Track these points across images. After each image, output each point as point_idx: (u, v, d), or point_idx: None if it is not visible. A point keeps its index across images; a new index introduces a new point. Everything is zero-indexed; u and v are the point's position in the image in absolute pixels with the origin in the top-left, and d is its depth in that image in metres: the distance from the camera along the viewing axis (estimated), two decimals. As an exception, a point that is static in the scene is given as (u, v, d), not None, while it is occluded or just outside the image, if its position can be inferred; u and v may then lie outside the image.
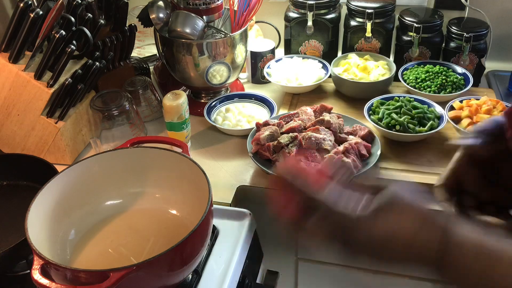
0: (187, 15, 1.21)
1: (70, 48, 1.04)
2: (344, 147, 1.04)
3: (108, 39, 1.22)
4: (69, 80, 1.08)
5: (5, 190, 1.06)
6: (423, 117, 1.16)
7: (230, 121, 1.26)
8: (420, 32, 1.32)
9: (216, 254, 0.93)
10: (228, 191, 1.08)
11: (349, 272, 1.20)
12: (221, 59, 1.25)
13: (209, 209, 0.79)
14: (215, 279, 0.88)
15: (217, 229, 0.98)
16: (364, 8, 1.34)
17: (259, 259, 1.07)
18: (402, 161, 1.10)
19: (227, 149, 1.21)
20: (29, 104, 1.10)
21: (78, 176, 0.90)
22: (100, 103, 1.15)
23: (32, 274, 0.69)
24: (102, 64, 1.14)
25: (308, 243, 0.59)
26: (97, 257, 0.86)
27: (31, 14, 1.02)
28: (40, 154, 1.14)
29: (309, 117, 1.16)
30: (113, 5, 1.24)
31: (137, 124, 1.19)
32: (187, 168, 0.89)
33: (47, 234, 0.82)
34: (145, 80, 1.32)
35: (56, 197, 0.86)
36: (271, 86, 1.44)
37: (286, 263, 1.24)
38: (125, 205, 0.95)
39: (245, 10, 1.28)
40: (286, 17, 1.42)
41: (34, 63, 1.09)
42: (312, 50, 1.44)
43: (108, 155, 0.93)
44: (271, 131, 1.11)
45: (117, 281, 0.67)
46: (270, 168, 1.07)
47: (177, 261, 0.77)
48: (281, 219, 0.56)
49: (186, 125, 1.15)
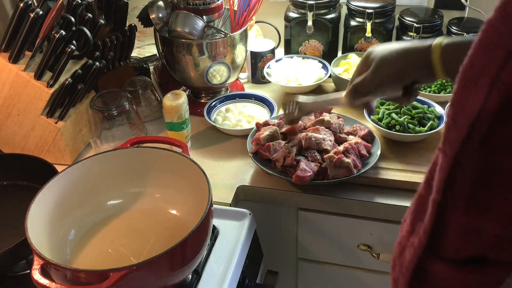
0: (187, 15, 1.21)
1: (70, 48, 1.04)
2: (344, 147, 1.04)
3: (108, 39, 1.22)
4: (69, 80, 1.08)
5: (5, 190, 1.06)
6: (423, 117, 1.16)
7: (230, 121, 1.26)
8: (420, 32, 1.32)
9: (216, 254, 0.93)
10: (228, 191, 1.08)
11: (349, 272, 1.20)
12: (221, 59, 1.25)
13: (209, 209, 0.79)
14: (215, 279, 0.88)
15: (217, 229, 0.98)
16: (364, 8, 1.34)
17: (259, 259, 1.08)
18: (402, 161, 1.10)
19: (227, 149, 1.21)
20: (29, 104, 1.10)
21: (78, 176, 0.90)
22: (100, 103, 1.15)
23: (32, 274, 0.69)
24: (102, 64, 1.14)
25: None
26: (97, 257, 0.86)
27: (31, 14, 1.02)
28: (40, 154, 1.14)
29: (309, 117, 1.16)
30: (113, 5, 1.24)
31: (137, 124, 1.19)
32: (187, 168, 0.89)
33: (47, 234, 0.82)
34: (145, 80, 1.32)
35: (56, 197, 0.86)
36: (271, 86, 1.44)
37: (286, 263, 1.24)
38: (125, 205, 0.95)
39: (245, 10, 1.28)
40: (286, 17, 1.42)
41: (34, 63, 1.09)
42: (312, 50, 1.44)
43: (108, 155, 0.93)
44: (271, 131, 1.11)
45: (117, 281, 0.67)
46: (270, 168, 1.07)
47: (177, 261, 0.77)
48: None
49: (186, 125, 1.15)
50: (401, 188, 1.05)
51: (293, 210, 1.13)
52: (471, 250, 0.40)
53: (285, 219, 1.16)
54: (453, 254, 0.41)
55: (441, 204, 0.39)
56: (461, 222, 0.39)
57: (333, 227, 1.13)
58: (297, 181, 1.01)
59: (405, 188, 1.04)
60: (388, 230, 1.07)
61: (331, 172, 1.02)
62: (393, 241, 0.79)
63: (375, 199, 1.04)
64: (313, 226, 1.14)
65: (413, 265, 0.43)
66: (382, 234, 1.10)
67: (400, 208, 1.02)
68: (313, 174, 1.01)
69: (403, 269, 0.44)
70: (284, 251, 1.22)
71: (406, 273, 0.44)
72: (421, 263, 0.42)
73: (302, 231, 1.16)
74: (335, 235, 1.14)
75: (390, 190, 1.05)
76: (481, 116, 0.35)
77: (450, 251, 0.41)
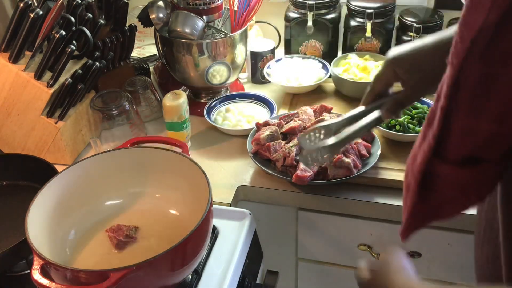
0: (187, 15, 1.21)
1: (70, 48, 1.04)
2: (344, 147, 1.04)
3: (108, 39, 1.22)
4: (69, 80, 1.08)
5: (5, 190, 1.06)
6: (423, 117, 1.16)
7: (230, 121, 1.26)
8: (420, 32, 1.31)
9: (216, 254, 0.93)
10: (228, 191, 1.08)
11: (349, 272, 1.20)
12: (221, 59, 1.25)
13: (209, 209, 0.79)
14: (215, 279, 0.88)
15: (217, 229, 0.98)
16: (364, 8, 1.34)
17: (259, 259, 1.07)
18: (402, 161, 1.10)
19: (227, 149, 1.21)
20: (29, 104, 1.10)
21: (78, 176, 0.90)
22: (100, 103, 1.15)
23: (32, 274, 0.69)
24: (102, 64, 1.14)
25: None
26: (97, 257, 0.86)
27: (31, 14, 1.02)
28: (40, 154, 1.14)
29: (309, 117, 1.16)
30: (113, 5, 1.24)
31: (137, 124, 1.19)
32: (187, 168, 0.89)
33: (47, 234, 0.82)
34: (145, 80, 1.32)
35: (56, 197, 0.86)
36: (271, 86, 1.44)
37: (286, 263, 1.24)
38: (125, 205, 0.95)
39: (245, 10, 1.28)
40: (286, 17, 1.42)
41: (34, 63, 1.09)
42: (312, 50, 1.44)
43: (108, 155, 0.93)
44: (271, 131, 1.11)
45: (117, 281, 0.67)
46: (270, 168, 1.07)
47: (177, 261, 0.77)
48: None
49: (186, 125, 1.15)
50: (401, 188, 1.04)
51: (293, 210, 1.13)
52: (468, 149, 0.49)
53: (285, 219, 1.16)
54: (454, 154, 0.49)
55: (447, 110, 0.48)
56: (462, 125, 0.48)
57: (333, 227, 1.13)
58: (297, 181, 1.01)
59: (405, 188, 1.04)
60: (388, 230, 1.07)
61: (331, 172, 1.02)
62: (393, 241, 0.79)
63: (375, 199, 1.04)
64: (313, 226, 1.14)
65: (423, 167, 0.51)
66: (382, 234, 1.10)
67: (400, 208, 1.01)
68: (313, 174, 1.01)
69: (415, 172, 0.52)
70: (284, 251, 1.22)
71: (417, 175, 0.52)
72: (428, 166, 0.51)
73: (302, 231, 1.16)
74: (335, 235, 1.14)
75: (390, 190, 1.05)
76: (483, 30, 0.42)
77: (452, 152, 0.49)
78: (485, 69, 0.44)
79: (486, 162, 0.49)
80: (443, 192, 0.53)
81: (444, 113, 0.48)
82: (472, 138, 0.48)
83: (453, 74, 0.46)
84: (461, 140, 0.49)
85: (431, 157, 0.51)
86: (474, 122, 0.47)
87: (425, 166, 0.51)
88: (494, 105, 0.45)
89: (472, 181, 0.51)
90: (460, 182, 0.51)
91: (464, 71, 0.45)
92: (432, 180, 0.52)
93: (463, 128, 0.48)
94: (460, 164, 0.50)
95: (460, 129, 0.48)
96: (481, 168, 0.49)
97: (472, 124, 0.47)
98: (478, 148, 0.48)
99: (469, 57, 0.44)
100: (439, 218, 0.57)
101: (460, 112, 0.47)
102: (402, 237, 0.59)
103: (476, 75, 0.45)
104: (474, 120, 0.47)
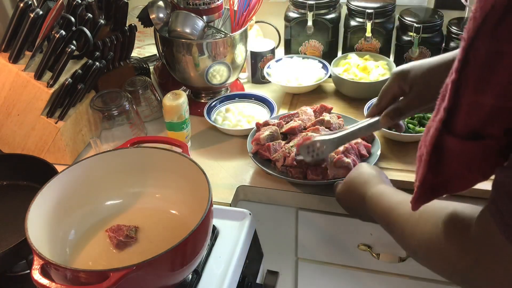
0: (187, 15, 1.21)
1: (70, 48, 1.04)
2: (344, 147, 1.04)
3: (108, 39, 1.22)
4: (69, 80, 1.08)
5: (5, 190, 1.06)
6: (423, 117, 1.16)
7: (230, 121, 1.26)
8: (420, 32, 1.31)
9: (216, 254, 0.93)
10: (228, 191, 1.08)
11: (349, 272, 1.20)
12: (221, 59, 1.25)
13: (209, 209, 0.79)
14: (215, 279, 0.88)
15: (217, 229, 0.98)
16: (364, 8, 1.34)
17: (259, 259, 1.07)
18: (402, 161, 1.10)
19: (227, 149, 1.21)
20: (29, 104, 1.10)
21: (78, 176, 0.90)
22: (100, 103, 1.15)
23: (32, 274, 0.69)
24: (102, 64, 1.14)
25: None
26: (97, 257, 0.86)
27: (31, 14, 1.02)
28: (40, 154, 1.14)
29: (309, 117, 1.16)
30: (113, 5, 1.24)
31: (137, 124, 1.19)
32: (187, 168, 0.89)
33: (47, 234, 0.82)
34: (145, 80, 1.32)
35: (56, 197, 0.86)
36: (271, 86, 1.44)
37: (286, 263, 1.24)
38: (125, 205, 0.95)
39: (245, 10, 1.28)
40: (286, 17, 1.42)
41: (34, 63, 1.09)
42: (312, 50, 1.44)
43: (108, 155, 0.93)
44: (271, 131, 1.11)
45: (117, 281, 0.67)
46: (270, 168, 1.07)
47: (177, 261, 0.77)
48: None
49: (186, 125, 1.15)
50: (401, 188, 1.05)
51: (293, 210, 1.13)
52: (473, 123, 0.51)
53: (285, 219, 1.16)
54: (461, 128, 0.52)
55: (457, 84, 0.51)
56: (470, 99, 0.50)
57: (333, 227, 1.13)
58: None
59: (405, 188, 1.04)
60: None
61: (331, 172, 1.02)
62: (393, 241, 0.79)
63: (375, 199, 1.03)
64: (313, 226, 1.14)
65: (435, 138, 0.54)
66: (382, 234, 1.09)
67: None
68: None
69: (427, 143, 0.56)
70: (284, 251, 1.22)
71: (429, 146, 0.55)
72: (439, 139, 0.54)
73: (302, 231, 1.16)
74: (335, 235, 1.14)
75: (390, 190, 1.05)
76: (495, 7, 0.45)
77: (459, 125, 0.52)
78: (493, 46, 0.47)
79: (490, 138, 0.51)
80: (451, 165, 0.55)
81: (455, 87, 0.51)
82: (478, 112, 0.50)
83: (465, 47, 0.49)
84: (468, 114, 0.51)
85: (441, 129, 0.53)
86: (479, 97, 0.49)
87: (436, 138, 0.54)
88: (498, 80, 0.48)
89: (476, 156, 0.53)
90: (465, 156, 0.54)
91: (474, 46, 0.48)
92: (442, 153, 0.55)
93: (470, 103, 0.50)
94: (466, 138, 0.52)
95: (468, 104, 0.51)
96: (485, 143, 0.52)
97: (478, 99, 0.50)
98: (483, 122, 0.51)
99: (480, 32, 0.47)
100: (447, 191, 0.59)
101: (468, 87, 0.50)
102: (413, 206, 0.62)
103: (485, 51, 0.48)
104: (479, 95, 0.49)
